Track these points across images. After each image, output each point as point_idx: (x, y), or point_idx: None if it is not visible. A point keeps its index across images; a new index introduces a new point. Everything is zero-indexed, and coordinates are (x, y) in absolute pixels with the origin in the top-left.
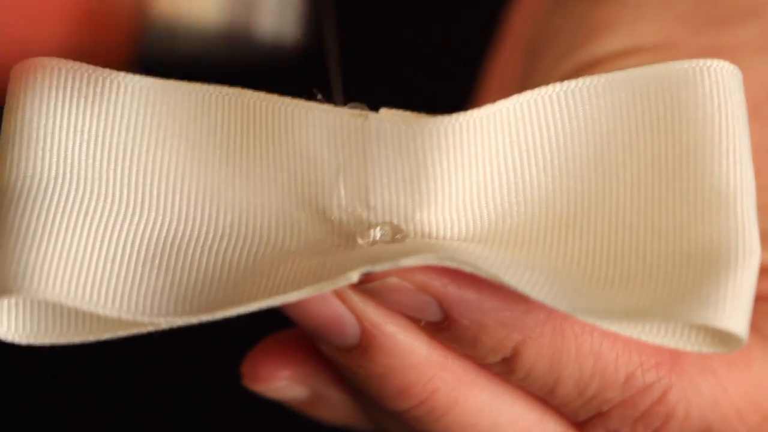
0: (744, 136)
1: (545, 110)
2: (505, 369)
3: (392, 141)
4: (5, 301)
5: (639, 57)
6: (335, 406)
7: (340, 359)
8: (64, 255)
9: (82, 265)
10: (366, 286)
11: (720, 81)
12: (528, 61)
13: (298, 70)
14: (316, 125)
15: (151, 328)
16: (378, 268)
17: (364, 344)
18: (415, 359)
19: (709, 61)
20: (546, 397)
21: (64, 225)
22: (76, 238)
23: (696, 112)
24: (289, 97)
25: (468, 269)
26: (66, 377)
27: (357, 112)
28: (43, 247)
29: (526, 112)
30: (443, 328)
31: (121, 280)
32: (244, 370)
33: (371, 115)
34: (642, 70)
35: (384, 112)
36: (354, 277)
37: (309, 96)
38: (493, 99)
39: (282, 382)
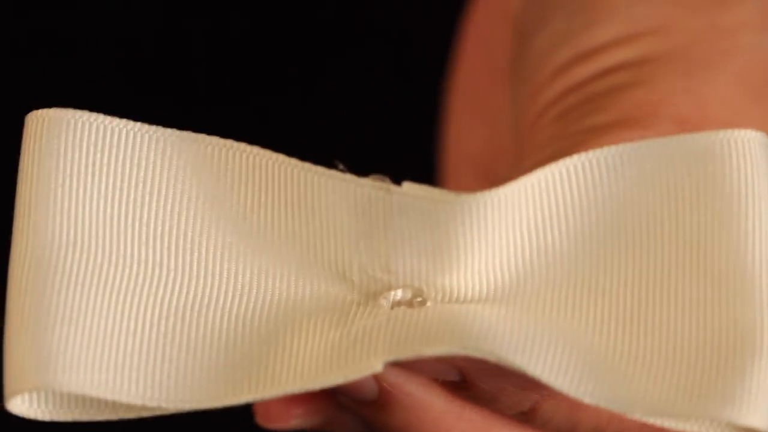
0: None
1: (569, 179)
2: (522, 419)
3: (414, 215)
4: None
5: (635, 45)
6: (349, 425)
7: (355, 410)
8: (86, 338)
9: (104, 347)
10: None
11: (747, 152)
12: (520, 41)
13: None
14: (335, 193)
15: (174, 411)
16: (402, 358)
17: (382, 401)
18: (433, 414)
19: (735, 132)
20: None
21: (84, 302)
22: (96, 316)
23: (723, 185)
24: (310, 164)
25: (492, 359)
26: None
27: (379, 184)
28: (65, 332)
29: (550, 182)
30: (463, 388)
31: (143, 360)
32: (256, 408)
33: (393, 188)
34: (669, 140)
35: (407, 186)
36: (378, 367)
37: (330, 165)
38: (478, 75)
39: (295, 419)
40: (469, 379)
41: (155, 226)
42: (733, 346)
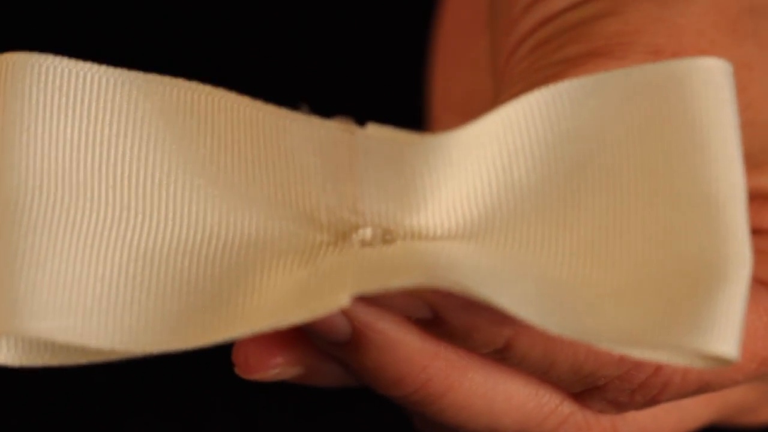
0: (734, 138)
1: (533, 114)
2: (498, 357)
3: (379, 157)
4: None
5: (591, 5)
6: (329, 375)
7: (331, 352)
8: (54, 282)
9: (71, 291)
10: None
11: (709, 80)
12: (492, 16)
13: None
14: (300, 135)
15: (143, 355)
16: (368, 292)
17: (356, 341)
18: (407, 352)
19: (697, 60)
20: (540, 378)
21: (51, 246)
22: (64, 260)
23: (684, 114)
24: (274, 105)
25: (458, 290)
26: None
27: (343, 126)
28: (32, 276)
29: (513, 118)
30: (434, 325)
31: (111, 303)
32: (235, 360)
33: (358, 131)
34: (629, 71)
35: (371, 128)
36: (345, 301)
37: (295, 106)
38: (462, 24)
39: (275, 369)
40: (441, 315)
41: (122, 168)
42: (699, 274)
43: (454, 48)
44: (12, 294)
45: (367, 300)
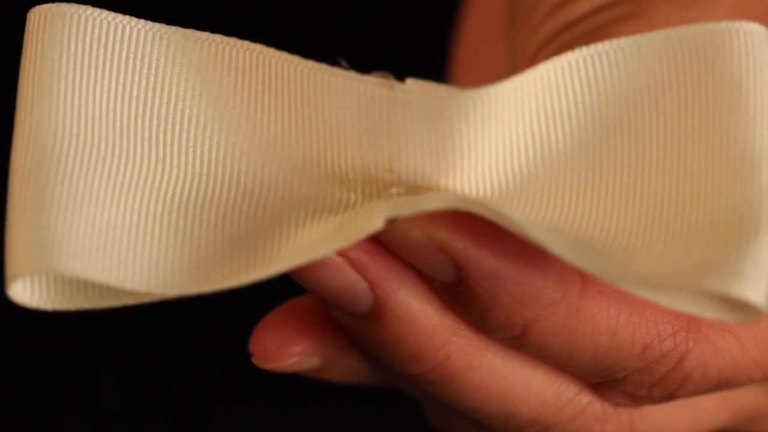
0: None
1: (572, 75)
2: (516, 344)
3: (418, 112)
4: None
5: (614, 9)
6: (346, 369)
7: (352, 326)
8: (89, 226)
9: (107, 235)
10: (387, 236)
11: (749, 43)
12: (511, 22)
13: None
14: (339, 91)
15: (178, 296)
16: (402, 212)
17: (377, 311)
18: (427, 325)
19: (737, 24)
20: (559, 368)
21: (87, 191)
22: (100, 204)
23: (723, 75)
24: (313, 61)
25: (492, 216)
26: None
27: (382, 81)
28: (68, 219)
29: (552, 78)
30: (456, 292)
31: (146, 249)
32: (252, 349)
33: (397, 85)
34: (669, 32)
35: (411, 83)
36: (379, 222)
37: (333, 62)
38: (480, 38)
39: (293, 358)
40: (465, 277)
41: (158, 123)
42: (731, 228)
43: (474, 54)
44: (48, 235)
45: (390, 262)
